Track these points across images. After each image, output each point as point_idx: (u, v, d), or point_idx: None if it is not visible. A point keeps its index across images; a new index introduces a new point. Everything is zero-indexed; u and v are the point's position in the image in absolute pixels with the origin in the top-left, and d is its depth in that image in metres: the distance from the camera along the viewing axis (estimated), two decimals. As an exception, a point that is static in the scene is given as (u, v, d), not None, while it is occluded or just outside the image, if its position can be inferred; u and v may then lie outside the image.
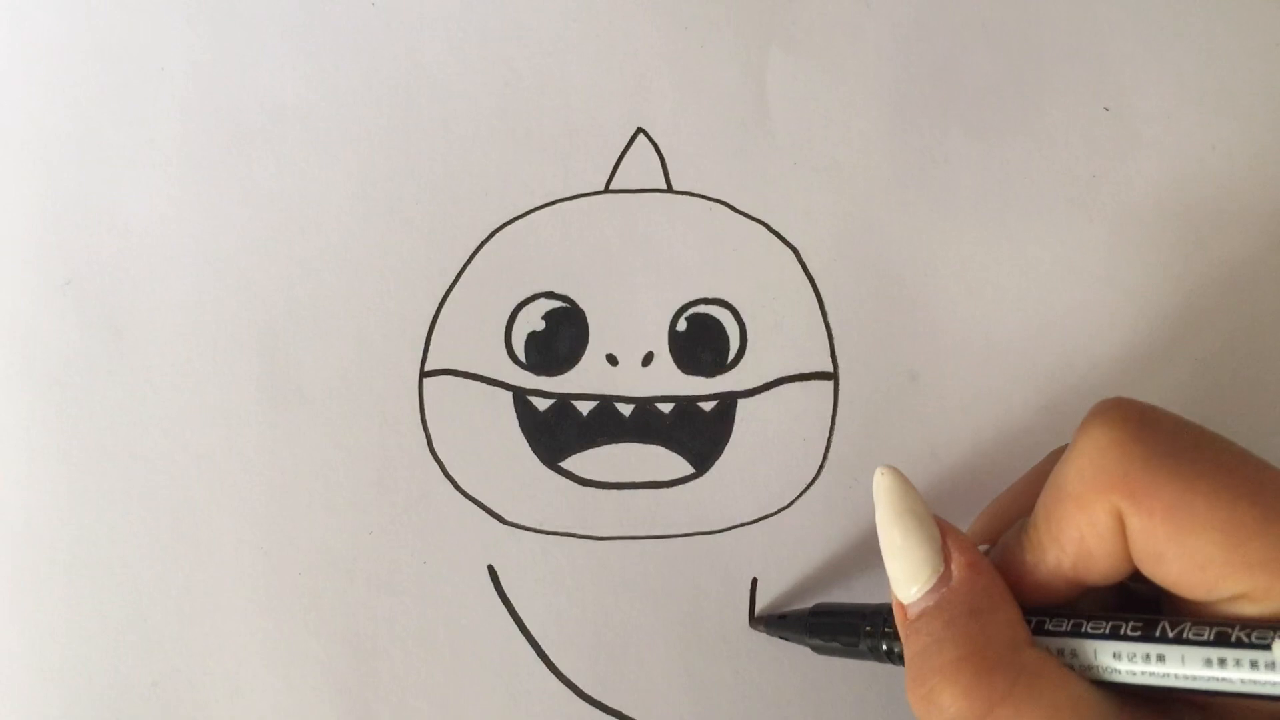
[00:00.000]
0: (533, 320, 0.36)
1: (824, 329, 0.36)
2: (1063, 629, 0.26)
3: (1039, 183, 0.37)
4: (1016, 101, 0.37)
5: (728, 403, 0.36)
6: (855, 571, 0.35)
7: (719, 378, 0.36)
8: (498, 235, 0.37)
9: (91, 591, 0.35)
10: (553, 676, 0.35)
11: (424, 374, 0.36)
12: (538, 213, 0.37)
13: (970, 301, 0.36)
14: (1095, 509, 0.25)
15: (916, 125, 0.37)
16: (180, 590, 0.35)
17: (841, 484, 0.35)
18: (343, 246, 0.36)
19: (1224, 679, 0.24)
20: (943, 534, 0.27)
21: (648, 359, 0.36)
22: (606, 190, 0.37)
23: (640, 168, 0.37)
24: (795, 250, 0.37)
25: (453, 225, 0.37)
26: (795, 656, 0.35)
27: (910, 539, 0.27)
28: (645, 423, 0.36)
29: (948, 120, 0.37)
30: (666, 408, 0.36)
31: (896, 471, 0.28)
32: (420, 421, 0.36)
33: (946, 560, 0.27)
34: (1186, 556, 0.24)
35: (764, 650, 0.35)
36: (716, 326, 0.36)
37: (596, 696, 0.35)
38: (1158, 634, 0.25)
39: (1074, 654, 0.26)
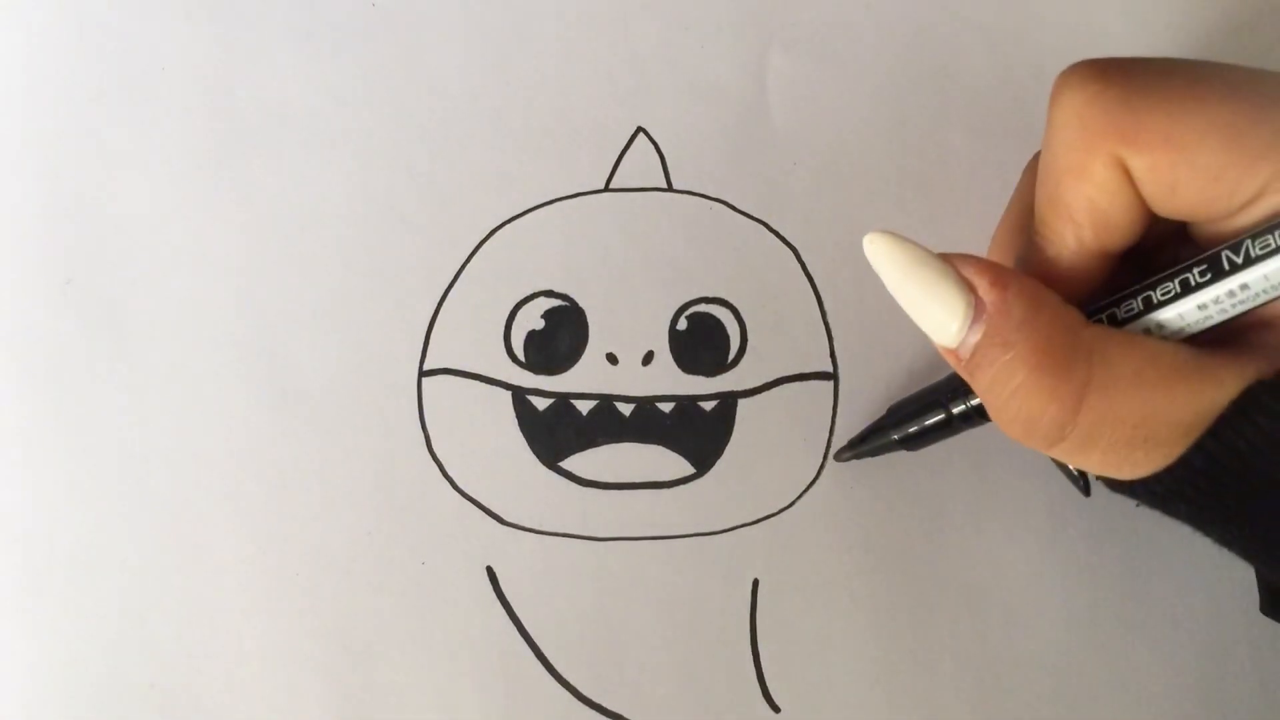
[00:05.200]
0: (532, 319, 0.36)
1: (824, 329, 0.36)
2: (1134, 310, 0.26)
3: (1040, 182, 0.37)
4: (1015, 102, 0.37)
5: (728, 402, 0.36)
6: (856, 570, 0.35)
7: (719, 377, 0.36)
8: (497, 234, 0.37)
9: (90, 591, 0.35)
10: (551, 679, 0.35)
11: (423, 373, 0.36)
12: (537, 212, 0.37)
13: (971, 301, 0.36)
14: (1094, 168, 0.25)
15: (916, 125, 0.37)
16: (178, 590, 0.35)
17: (841, 484, 0.35)
18: (342, 246, 0.36)
19: None
20: (955, 266, 0.26)
21: (648, 358, 0.36)
22: (606, 189, 0.37)
23: (640, 167, 0.37)
24: (795, 250, 0.37)
25: (452, 224, 0.37)
26: (796, 655, 0.34)
27: (928, 286, 0.26)
28: (645, 422, 0.36)
29: (947, 120, 0.37)
30: (667, 407, 0.36)
31: (886, 232, 0.27)
32: (419, 421, 0.36)
33: (972, 290, 0.26)
34: (1198, 174, 0.24)
35: (764, 650, 0.35)
36: (717, 326, 0.36)
37: (595, 699, 0.34)
38: (1226, 267, 0.25)
39: (1160, 327, 0.26)
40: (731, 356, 0.36)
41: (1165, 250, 0.28)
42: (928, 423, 0.32)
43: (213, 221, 0.37)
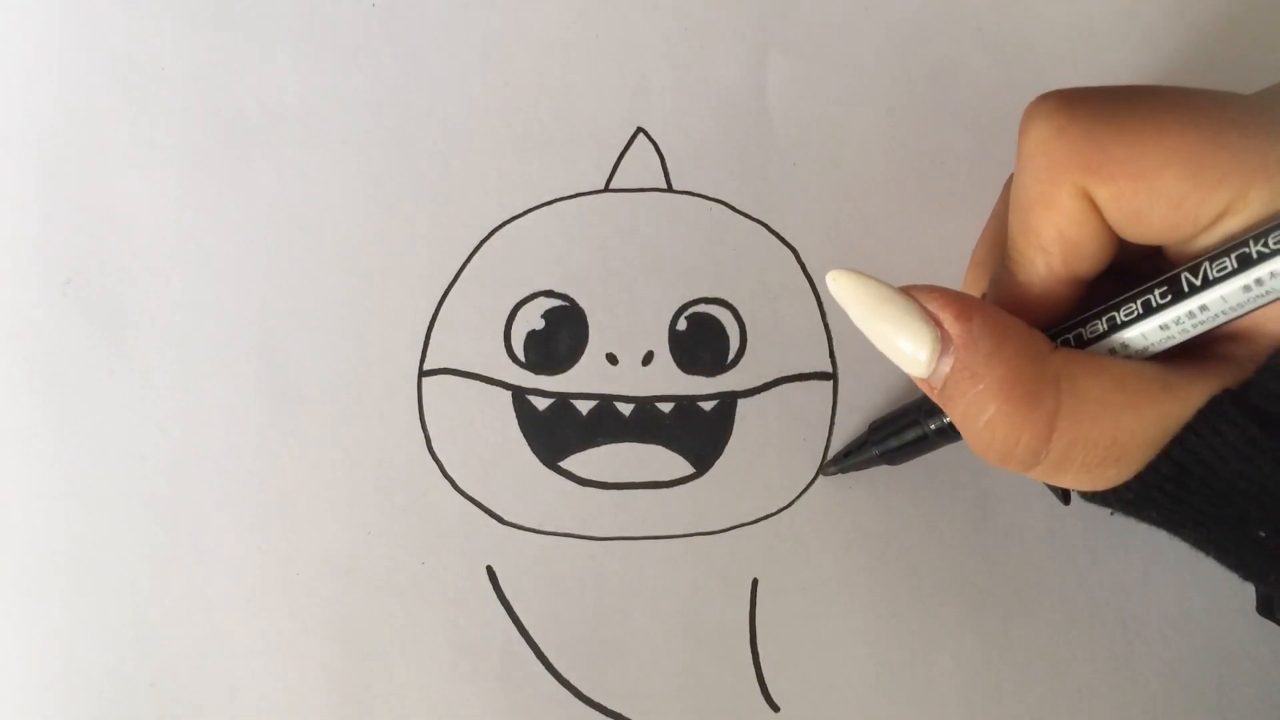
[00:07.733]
0: (532, 319, 0.36)
1: (824, 329, 0.36)
2: (1099, 331, 0.27)
3: (1039, 182, 0.37)
4: (1013, 103, 0.37)
5: (728, 402, 0.36)
6: (856, 570, 0.35)
7: (719, 377, 0.36)
8: (497, 234, 0.37)
9: (90, 591, 0.35)
10: (551, 678, 0.35)
11: (423, 373, 0.36)
12: (537, 212, 0.37)
13: (971, 301, 0.36)
14: (1061, 198, 0.25)
15: (915, 126, 0.37)
16: (179, 590, 0.35)
17: (841, 484, 0.35)
18: (342, 246, 0.37)
19: (1261, 291, 0.24)
20: (920, 300, 0.27)
21: (648, 358, 0.36)
22: (606, 189, 0.37)
23: (640, 167, 0.37)
24: (795, 250, 0.37)
25: (452, 225, 0.37)
26: (795, 654, 0.34)
27: (893, 322, 0.26)
28: (645, 422, 0.36)
29: (946, 121, 0.37)
30: (666, 407, 0.36)
31: (848, 270, 0.27)
32: (419, 421, 0.36)
33: (938, 323, 0.26)
34: (1160, 202, 0.24)
35: (764, 650, 0.35)
36: (716, 326, 0.36)
37: (595, 698, 0.35)
38: (1186, 288, 0.25)
39: (1125, 346, 0.26)
40: (731, 356, 0.36)
41: (1143, 264, 0.28)
42: (907, 439, 0.33)
43: (213, 221, 0.37)
